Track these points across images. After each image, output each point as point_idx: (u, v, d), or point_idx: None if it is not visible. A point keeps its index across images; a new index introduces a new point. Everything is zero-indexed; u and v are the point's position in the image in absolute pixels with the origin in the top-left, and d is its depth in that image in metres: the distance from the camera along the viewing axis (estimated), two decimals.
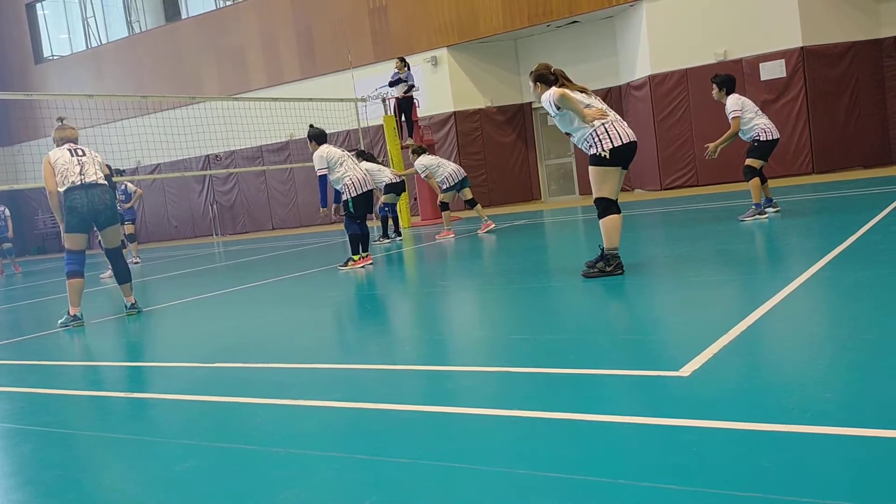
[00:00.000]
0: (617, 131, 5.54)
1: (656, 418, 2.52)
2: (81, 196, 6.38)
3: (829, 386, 2.71)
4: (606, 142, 5.50)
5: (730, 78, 8.45)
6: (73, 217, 6.39)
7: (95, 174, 6.52)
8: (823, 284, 4.47)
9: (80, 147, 6.68)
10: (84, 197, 6.39)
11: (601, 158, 5.54)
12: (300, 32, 20.73)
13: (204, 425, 3.18)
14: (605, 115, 5.58)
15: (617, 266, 5.60)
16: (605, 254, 5.64)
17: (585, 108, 5.52)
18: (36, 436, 3.30)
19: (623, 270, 5.61)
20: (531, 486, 2.13)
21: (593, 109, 5.57)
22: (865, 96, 14.80)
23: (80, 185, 6.39)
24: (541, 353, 3.72)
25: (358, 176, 8.39)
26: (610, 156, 5.51)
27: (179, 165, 22.19)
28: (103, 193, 6.51)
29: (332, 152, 8.43)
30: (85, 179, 6.43)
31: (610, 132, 5.52)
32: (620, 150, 5.53)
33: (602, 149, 5.51)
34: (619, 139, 5.51)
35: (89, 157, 6.59)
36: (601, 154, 5.52)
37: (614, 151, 5.51)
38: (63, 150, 6.55)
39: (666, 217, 10.24)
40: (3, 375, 4.90)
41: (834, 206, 8.83)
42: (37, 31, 26.84)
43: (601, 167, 5.58)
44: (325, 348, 4.66)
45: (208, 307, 6.99)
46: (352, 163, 8.55)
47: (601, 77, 17.65)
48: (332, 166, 8.38)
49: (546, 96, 5.62)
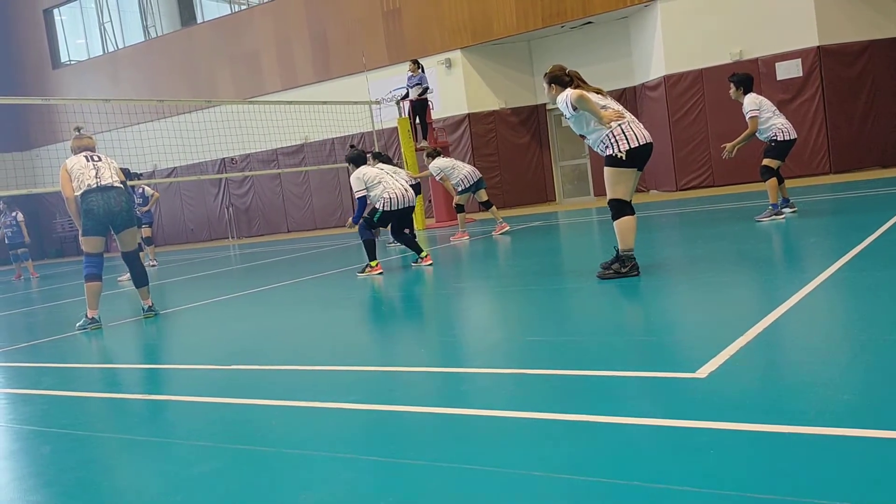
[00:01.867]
0: (634, 132, 5.53)
1: (672, 420, 2.51)
2: (97, 198, 6.44)
3: (847, 388, 2.69)
4: (623, 143, 5.50)
5: (747, 77, 8.39)
6: (89, 220, 6.45)
7: (111, 177, 6.58)
8: (841, 285, 4.43)
9: (97, 154, 6.76)
10: (100, 199, 6.45)
11: (617, 159, 5.53)
12: (314, 36, 20.82)
13: (221, 427, 3.20)
14: (622, 116, 5.58)
15: (633, 267, 5.58)
16: (621, 255, 5.62)
17: (602, 110, 5.52)
18: (55, 437, 3.33)
19: (639, 272, 5.59)
20: (547, 488, 2.13)
21: (610, 111, 5.56)
22: (882, 95, 14.67)
23: (97, 188, 6.45)
24: (557, 354, 3.71)
25: (397, 193, 8.22)
26: (626, 157, 5.50)
27: (195, 169, 22.31)
28: (119, 196, 6.56)
29: (368, 173, 8.27)
30: (101, 182, 6.49)
31: (627, 133, 5.52)
32: (637, 152, 5.53)
33: (619, 150, 5.50)
34: (636, 140, 5.51)
35: (105, 162, 6.67)
36: (617, 155, 5.51)
37: (630, 153, 5.50)
38: (79, 157, 6.64)
39: (682, 218, 10.19)
40: (24, 378, 4.95)
41: (851, 206, 8.76)
42: (54, 36, 27.10)
43: (617, 168, 5.57)
44: (340, 351, 4.67)
45: (225, 310, 7.02)
46: (391, 179, 8.36)
47: (616, 78, 17.60)
48: (369, 186, 8.25)
49: (562, 97, 5.62)
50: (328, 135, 19.55)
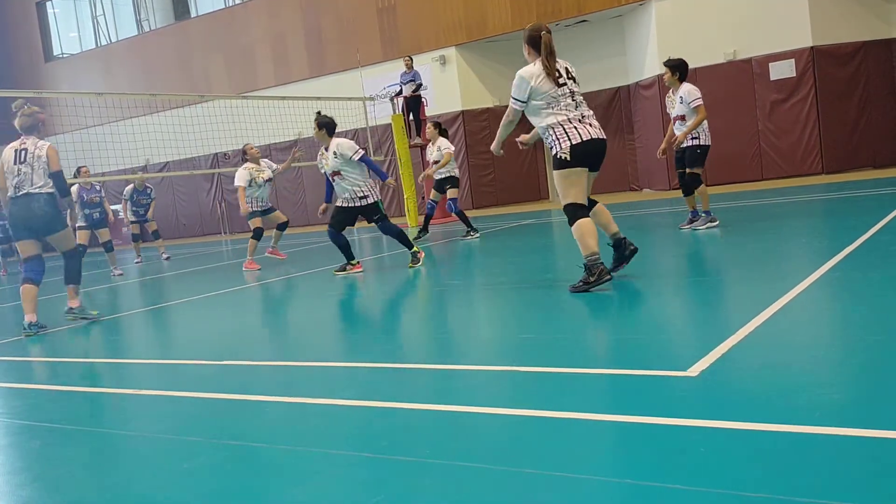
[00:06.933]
0: (576, 129, 5.09)
1: (664, 418, 2.52)
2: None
3: (837, 387, 2.70)
4: (564, 140, 5.08)
5: (683, 63, 7.95)
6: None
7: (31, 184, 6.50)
8: (832, 285, 4.45)
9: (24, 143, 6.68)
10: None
11: (562, 161, 5.10)
12: (309, 31, 20.77)
13: (212, 423, 3.19)
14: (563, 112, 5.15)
15: (601, 273, 5.04)
16: (587, 263, 5.10)
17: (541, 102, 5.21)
18: (45, 432, 3.31)
19: (611, 276, 5.10)
20: (538, 485, 2.13)
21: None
22: (876, 96, 14.72)
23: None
24: (548, 352, 3.71)
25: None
26: (570, 156, 5.06)
27: (188, 164, 22.24)
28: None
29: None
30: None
31: (568, 131, 5.08)
32: (581, 148, 5.07)
33: (561, 148, 5.08)
34: (578, 136, 5.07)
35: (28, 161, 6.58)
36: (561, 156, 5.09)
37: (574, 149, 5.05)
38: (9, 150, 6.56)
39: (674, 217, 10.21)
40: (13, 372, 4.92)
41: (843, 207, 8.79)
42: (47, 29, 26.95)
43: (564, 170, 5.13)
44: (333, 346, 4.66)
45: (217, 305, 7.00)
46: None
47: (610, 76, 17.61)
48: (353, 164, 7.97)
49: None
50: None
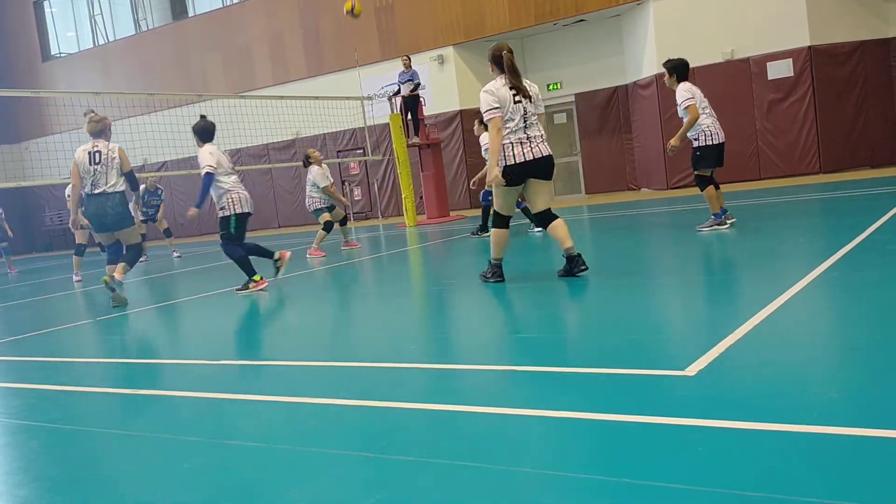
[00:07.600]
0: (514, 151, 5.47)
1: (661, 417, 2.52)
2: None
3: (835, 386, 2.70)
4: (502, 161, 5.49)
5: (682, 63, 7.87)
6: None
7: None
8: (830, 284, 4.45)
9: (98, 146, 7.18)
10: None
11: (501, 176, 5.52)
12: (307, 30, 20.75)
13: (210, 422, 3.19)
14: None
15: (495, 274, 5.88)
16: (492, 262, 5.91)
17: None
18: (44, 432, 3.31)
19: (503, 279, 5.86)
20: (535, 484, 2.13)
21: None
22: (873, 96, 14.74)
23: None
24: (546, 351, 3.72)
25: (244, 193, 7.48)
26: (503, 175, 5.47)
27: (186, 163, 22.21)
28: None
29: (221, 157, 7.34)
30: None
31: (506, 151, 5.47)
32: (516, 169, 5.48)
33: (499, 168, 5.52)
34: (513, 158, 5.47)
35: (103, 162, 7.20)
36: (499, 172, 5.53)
37: (507, 170, 5.48)
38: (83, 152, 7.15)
39: (672, 217, 10.22)
40: (11, 372, 4.92)
41: (841, 207, 8.80)
42: (44, 28, 26.91)
43: (500, 186, 5.60)
44: (330, 346, 4.66)
45: (215, 305, 7.00)
46: (235, 177, 7.45)
47: (608, 76, 17.61)
48: (219, 174, 7.25)
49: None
50: (320, 130, 19.52)
